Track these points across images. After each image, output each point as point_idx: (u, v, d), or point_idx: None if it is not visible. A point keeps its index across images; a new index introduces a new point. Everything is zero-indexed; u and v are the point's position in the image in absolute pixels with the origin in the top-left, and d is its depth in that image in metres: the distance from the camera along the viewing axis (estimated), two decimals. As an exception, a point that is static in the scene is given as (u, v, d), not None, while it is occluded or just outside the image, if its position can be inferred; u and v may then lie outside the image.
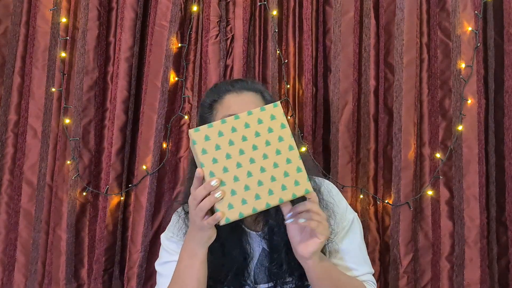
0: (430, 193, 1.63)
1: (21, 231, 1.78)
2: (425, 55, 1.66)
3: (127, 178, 1.76)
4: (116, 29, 1.79)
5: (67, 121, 1.75)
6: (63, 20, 1.78)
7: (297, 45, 1.72)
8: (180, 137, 1.75)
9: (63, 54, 1.78)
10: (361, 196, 1.66)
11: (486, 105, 1.64)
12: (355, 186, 1.67)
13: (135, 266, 1.67)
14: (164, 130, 1.71)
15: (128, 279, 1.69)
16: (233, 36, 1.72)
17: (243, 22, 1.70)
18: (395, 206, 1.62)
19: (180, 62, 1.75)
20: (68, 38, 1.79)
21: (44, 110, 1.80)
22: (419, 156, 1.65)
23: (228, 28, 1.74)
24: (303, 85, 1.70)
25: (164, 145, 1.72)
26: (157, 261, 1.23)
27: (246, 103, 1.16)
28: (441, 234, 1.62)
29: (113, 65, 1.79)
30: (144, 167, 1.70)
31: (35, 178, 1.79)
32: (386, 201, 1.65)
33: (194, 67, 1.76)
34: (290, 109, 1.70)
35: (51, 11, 1.81)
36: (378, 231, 1.66)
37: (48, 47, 1.81)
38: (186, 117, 1.74)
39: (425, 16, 1.67)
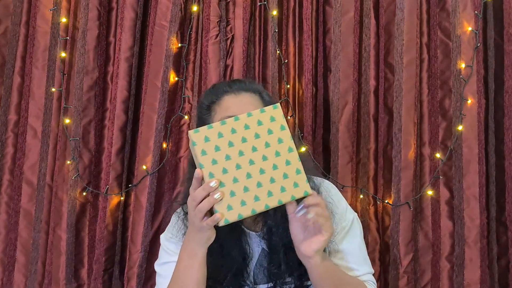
0: (430, 193, 1.63)
1: (21, 231, 1.78)
2: (425, 55, 1.66)
3: (127, 178, 1.76)
4: (116, 29, 1.79)
5: (67, 121, 1.75)
6: (63, 20, 1.78)
7: (297, 45, 1.72)
8: (180, 137, 1.75)
9: (63, 54, 1.78)
10: (361, 196, 1.66)
11: (486, 105, 1.64)
12: (355, 186, 1.67)
13: (135, 266, 1.67)
14: (164, 130, 1.71)
15: (128, 279, 1.69)
16: (233, 36, 1.72)
17: (243, 22, 1.70)
18: (395, 206, 1.61)
19: (180, 62, 1.75)
20: (68, 38, 1.78)
21: (44, 110, 1.80)
22: (419, 156, 1.65)
23: (228, 28, 1.74)
24: (303, 85, 1.70)
25: (164, 145, 1.72)
26: (157, 262, 1.23)
27: (245, 104, 1.15)
28: (441, 234, 1.62)
29: (113, 65, 1.79)
30: (144, 167, 1.70)
31: (35, 178, 1.79)
32: (386, 201, 1.65)
33: (194, 67, 1.76)
34: (290, 109, 1.70)
35: (51, 11, 1.81)
36: (378, 231, 1.66)
37: (48, 47, 1.81)
38: (186, 117, 1.74)
39: (425, 16, 1.67)
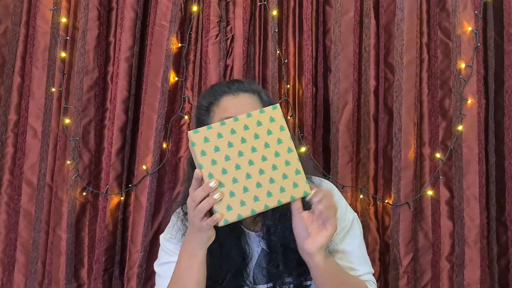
0: (430, 193, 1.63)
1: (21, 231, 1.78)
2: (425, 55, 1.66)
3: (127, 178, 1.76)
4: (116, 29, 1.79)
5: (67, 121, 1.75)
6: (63, 20, 1.78)
7: (297, 45, 1.72)
8: (180, 137, 1.75)
9: (63, 54, 1.78)
10: (361, 196, 1.66)
11: (486, 105, 1.64)
12: (355, 186, 1.67)
13: (135, 266, 1.68)
14: (164, 130, 1.71)
15: (128, 279, 1.69)
16: (233, 36, 1.72)
17: (243, 22, 1.70)
18: (395, 206, 1.61)
19: (180, 62, 1.75)
20: (68, 38, 1.78)
21: (44, 110, 1.80)
22: (419, 156, 1.65)
23: (228, 28, 1.73)
24: (303, 85, 1.70)
25: (164, 145, 1.72)
26: (156, 262, 1.23)
27: (243, 105, 1.15)
28: (441, 234, 1.62)
29: (113, 65, 1.79)
30: (144, 167, 1.70)
31: (35, 178, 1.79)
32: (386, 201, 1.65)
33: (194, 67, 1.76)
34: (290, 109, 1.70)
35: (51, 11, 1.81)
36: (378, 231, 1.66)
37: (48, 47, 1.82)
38: (186, 117, 1.74)
39: (425, 16, 1.67)
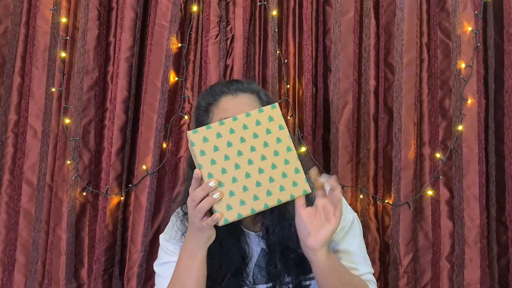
0: (430, 193, 1.63)
1: (21, 231, 1.78)
2: (425, 55, 1.66)
3: (127, 178, 1.76)
4: (116, 29, 1.79)
5: (67, 121, 1.75)
6: (63, 20, 1.78)
7: (297, 45, 1.72)
8: (180, 137, 1.75)
9: (63, 54, 1.78)
10: (361, 196, 1.66)
11: (486, 105, 1.64)
12: (355, 186, 1.66)
13: (135, 266, 1.67)
14: (164, 130, 1.71)
15: (128, 279, 1.69)
16: (233, 36, 1.72)
17: (243, 22, 1.70)
18: (395, 206, 1.61)
19: (180, 62, 1.75)
20: (68, 38, 1.78)
21: (44, 110, 1.80)
22: (419, 156, 1.65)
23: (228, 28, 1.73)
24: (303, 85, 1.70)
25: (164, 145, 1.72)
26: (156, 262, 1.23)
27: (242, 105, 1.15)
28: (441, 234, 1.62)
29: (113, 65, 1.79)
30: (144, 167, 1.70)
31: (35, 178, 1.79)
32: (386, 201, 1.65)
33: (194, 67, 1.76)
34: (290, 109, 1.69)
35: (51, 11, 1.81)
36: (378, 231, 1.66)
37: (48, 47, 1.81)
38: (186, 117, 1.74)
39: (425, 16, 1.67)
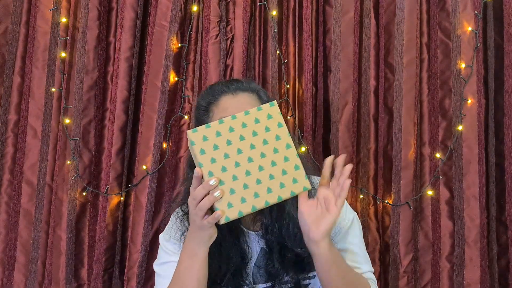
0: (430, 193, 1.63)
1: (21, 231, 1.78)
2: (425, 55, 1.66)
3: (127, 178, 1.76)
4: (116, 29, 1.79)
5: (67, 121, 1.75)
6: (63, 20, 1.78)
7: (297, 45, 1.72)
8: (180, 137, 1.75)
9: (63, 54, 1.78)
10: (361, 196, 1.66)
11: (486, 105, 1.64)
12: (355, 186, 1.66)
13: (135, 266, 1.67)
14: (164, 130, 1.71)
15: (128, 279, 1.69)
16: (233, 36, 1.72)
17: (243, 22, 1.70)
18: (395, 206, 1.61)
19: (180, 62, 1.75)
20: (68, 38, 1.79)
21: (44, 110, 1.80)
22: (419, 156, 1.65)
23: (228, 28, 1.74)
24: (303, 85, 1.70)
25: (164, 145, 1.72)
26: (156, 262, 1.23)
27: (242, 104, 1.15)
28: (441, 234, 1.62)
29: (113, 65, 1.79)
30: (144, 167, 1.70)
31: (35, 178, 1.79)
32: (386, 201, 1.65)
33: (194, 67, 1.76)
34: (290, 109, 1.70)
35: (51, 11, 1.82)
36: (378, 231, 1.66)
37: (48, 47, 1.82)
38: (186, 117, 1.74)
39: (425, 16, 1.67)
